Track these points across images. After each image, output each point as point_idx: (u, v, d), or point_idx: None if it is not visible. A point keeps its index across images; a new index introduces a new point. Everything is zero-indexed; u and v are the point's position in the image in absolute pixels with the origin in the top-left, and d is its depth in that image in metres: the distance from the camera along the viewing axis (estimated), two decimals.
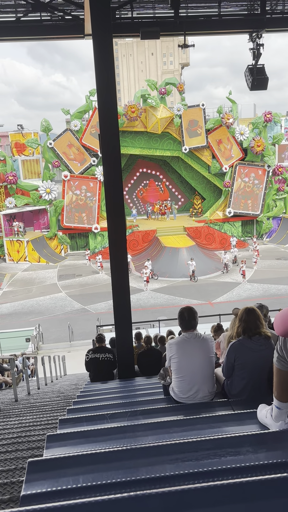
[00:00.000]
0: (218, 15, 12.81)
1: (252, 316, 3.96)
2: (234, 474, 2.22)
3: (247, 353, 3.88)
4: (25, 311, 27.27)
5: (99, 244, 38.97)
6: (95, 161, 38.78)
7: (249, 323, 3.95)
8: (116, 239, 7.36)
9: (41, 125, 38.57)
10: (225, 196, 40.57)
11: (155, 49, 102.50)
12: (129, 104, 37.89)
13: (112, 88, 6.85)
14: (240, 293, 27.98)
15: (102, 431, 3.28)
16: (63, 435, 3.29)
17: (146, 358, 7.97)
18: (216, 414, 3.45)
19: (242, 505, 1.90)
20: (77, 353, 17.87)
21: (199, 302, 25.79)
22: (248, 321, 3.95)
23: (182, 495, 1.89)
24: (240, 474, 2.22)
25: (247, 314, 3.97)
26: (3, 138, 44.52)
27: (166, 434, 3.10)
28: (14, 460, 3.65)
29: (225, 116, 38.95)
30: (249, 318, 3.96)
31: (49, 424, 4.98)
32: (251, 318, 3.96)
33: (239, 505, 1.90)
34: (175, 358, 4.17)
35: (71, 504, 1.88)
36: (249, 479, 1.98)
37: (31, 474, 2.48)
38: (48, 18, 12.07)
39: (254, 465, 2.30)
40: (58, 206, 38.57)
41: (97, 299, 27.79)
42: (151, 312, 24.53)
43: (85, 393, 6.52)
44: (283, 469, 2.26)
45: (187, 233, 38.35)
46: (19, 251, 37.88)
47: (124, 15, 12.88)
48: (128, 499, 1.89)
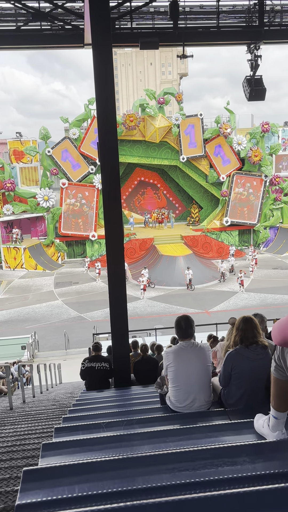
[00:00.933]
0: (217, 26, 12.95)
1: (249, 325, 3.95)
2: (231, 484, 2.21)
3: (244, 362, 3.87)
4: (21, 318, 27.15)
5: (96, 252, 38.97)
6: (93, 169, 38.90)
7: (246, 332, 3.94)
8: (114, 247, 7.36)
9: (39, 133, 38.72)
10: (222, 205, 40.73)
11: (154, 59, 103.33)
12: (128, 113, 38.12)
13: (111, 97, 6.89)
14: (237, 302, 27.97)
15: (98, 440, 3.25)
16: (58, 443, 3.26)
17: (142, 367, 7.93)
18: (213, 424, 3.43)
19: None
20: (73, 361, 17.78)
21: (196, 311, 25.76)
22: (245, 330, 3.95)
23: (178, 505, 1.87)
24: (237, 484, 2.21)
25: (244, 323, 3.97)
26: (2, 146, 44.63)
27: (163, 444, 3.08)
28: (9, 469, 3.62)
29: (223, 126, 39.22)
30: (246, 327, 3.96)
31: (44, 433, 4.94)
32: (248, 327, 3.95)
33: None
34: (171, 367, 4.15)
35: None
36: (246, 490, 1.96)
37: (26, 483, 2.45)
38: (48, 27, 12.18)
39: (251, 475, 2.28)
40: (55, 214, 38.60)
41: (94, 307, 27.72)
42: (148, 321, 24.48)
43: (80, 402, 6.48)
44: (281, 480, 2.24)
45: (184, 241, 38.42)
46: (16, 258, 37.82)
47: (124, 26, 13.01)
48: (124, 509, 1.87)
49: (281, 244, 40.16)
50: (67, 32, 12.04)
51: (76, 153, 38.71)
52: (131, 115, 37.95)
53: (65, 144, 38.77)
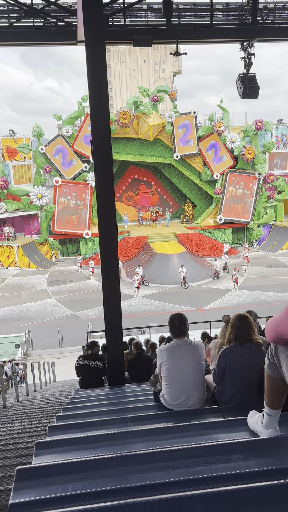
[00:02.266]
0: (210, 24, 12.94)
1: (244, 323, 3.97)
2: (224, 482, 2.21)
3: (238, 360, 3.88)
4: (14, 316, 27.06)
5: (90, 250, 38.90)
6: (86, 167, 38.81)
7: (241, 330, 3.96)
8: (108, 245, 7.35)
9: (32, 130, 38.55)
10: (216, 203, 40.81)
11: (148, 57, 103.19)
12: (121, 111, 38.05)
13: (104, 95, 6.87)
14: (230, 300, 28.06)
15: (92, 438, 3.25)
16: (52, 442, 3.26)
17: (136, 365, 7.93)
18: (207, 421, 3.44)
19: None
20: (67, 360, 17.75)
21: (190, 309, 25.81)
22: (240, 328, 3.96)
23: (172, 503, 1.88)
24: (230, 481, 2.21)
25: (239, 321, 3.98)
26: None
27: (156, 441, 3.08)
28: (2, 467, 3.60)
29: (217, 124, 39.26)
30: (241, 325, 3.97)
31: (38, 431, 4.93)
32: (243, 325, 3.97)
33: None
34: (165, 365, 4.15)
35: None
36: (240, 487, 1.97)
37: (20, 482, 2.44)
38: (41, 24, 12.11)
39: (245, 472, 2.29)
40: (49, 212, 38.48)
41: (88, 305, 27.69)
42: (142, 319, 24.49)
43: (74, 400, 6.47)
44: (274, 477, 2.25)
45: (178, 239, 38.45)
46: (9, 256, 37.65)
47: (117, 23, 12.97)
48: (118, 507, 1.87)
49: (275, 242, 40.32)
50: (60, 29, 11.98)
51: (70, 150, 38.60)
52: (124, 112, 37.87)
53: (58, 141, 38.63)
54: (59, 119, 38.90)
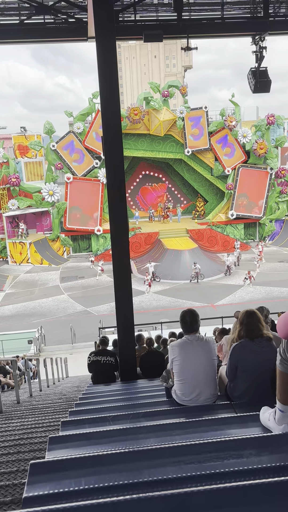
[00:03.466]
0: (221, 17, 12.82)
1: (252, 318, 3.95)
2: (236, 477, 2.21)
3: (249, 355, 3.86)
4: (27, 313, 27.29)
5: (101, 246, 39.00)
6: (98, 163, 38.84)
7: (251, 326, 3.94)
8: (119, 241, 7.36)
9: (44, 127, 38.68)
10: (228, 198, 40.57)
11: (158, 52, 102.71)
12: (132, 107, 37.96)
13: (115, 91, 6.86)
14: (242, 295, 27.93)
15: (104, 433, 3.27)
16: (65, 437, 3.28)
17: (148, 361, 7.95)
18: (219, 417, 3.44)
19: (245, 509, 1.89)
20: (79, 355, 17.87)
21: (202, 305, 25.76)
22: (249, 324, 3.94)
23: (184, 498, 1.88)
24: (242, 477, 2.21)
25: (248, 317, 3.97)
26: (6, 141, 44.63)
27: (169, 437, 3.09)
28: (16, 462, 3.65)
29: (228, 119, 38.99)
30: (250, 320, 3.95)
31: (51, 426, 4.97)
32: (251, 321, 3.95)
33: (242, 509, 1.89)
34: (177, 361, 4.15)
35: (73, 507, 1.88)
36: (252, 482, 1.97)
37: (33, 476, 2.47)
38: (52, 21, 12.11)
39: (257, 468, 2.29)
40: (60, 208, 38.63)
41: (100, 301, 27.79)
42: (154, 314, 24.52)
43: (87, 395, 6.51)
44: (286, 473, 2.24)
45: (189, 235, 38.34)
46: (21, 253, 37.94)
47: (127, 18, 12.92)
48: (130, 501, 1.88)
49: (287, 237, 40.00)
50: (71, 26, 11.97)
51: (81, 147, 38.66)
52: (135, 108, 37.79)
53: (69, 138, 38.71)
54: (70, 115, 38.98)
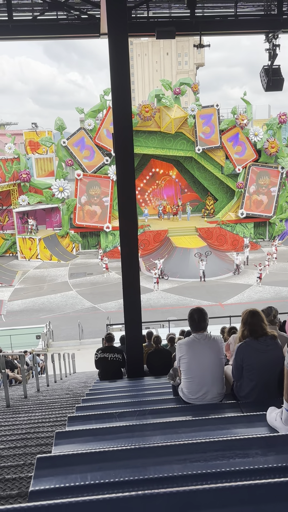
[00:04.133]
0: (235, 15, 12.74)
1: (256, 318, 3.97)
2: (242, 477, 2.21)
3: (255, 354, 3.86)
4: (36, 308, 27.44)
5: (110, 243, 39.05)
6: (108, 160, 38.86)
7: (254, 326, 3.95)
8: (128, 238, 7.36)
9: (55, 123, 38.76)
10: (238, 197, 40.39)
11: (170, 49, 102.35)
12: (143, 104, 37.91)
13: (126, 88, 6.85)
14: (251, 295, 27.82)
15: (111, 429, 3.28)
16: (71, 432, 3.30)
17: (155, 358, 7.96)
18: (225, 416, 3.43)
19: (250, 508, 1.89)
20: (87, 351, 17.94)
21: (210, 303, 25.71)
22: (253, 324, 3.96)
23: (189, 496, 1.89)
24: (248, 476, 2.21)
25: (251, 317, 3.98)
26: (18, 136, 44.80)
27: (175, 434, 3.09)
28: (22, 455, 3.67)
29: (240, 117, 38.78)
30: (254, 320, 3.97)
31: (58, 421, 5.00)
32: (255, 321, 3.96)
33: (247, 508, 1.89)
34: (184, 359, 4.15)
35: (79, 501, 1.89)
36: (258, 482, 1.97)
37: (40, 470, 2.49)
38: (65, 17, 12.12)
39: (263, 468, 2.28)
40: (70, 205, 38.74)
41: (107, 298, 27.86)
42: (161, 312, 24.52)
43: (94, 391, 6.54)
44: None
45: (198, 233, 38.25)
46: (31, 249, 38.13)
47: (140, 15, 12.89)
48: (136, 498, 1.89)
49: None
50: (83, 22, 11.97)
51: (91, 144, 38.69)
52: (146, 105, 37.73)
53: (80, 134, 38.76)
54: (81, 112, 39.01)
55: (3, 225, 40.84)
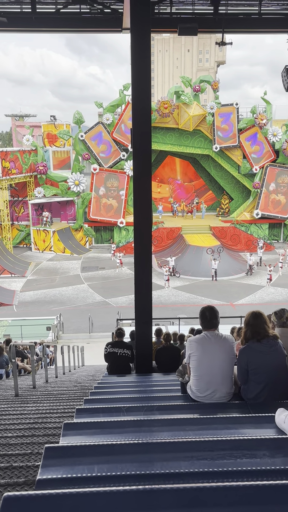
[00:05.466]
0: (258, 13, 12.60)
1: (259, 320, 3.97)
2: (249, 477, 2.21)
3: (258, 357, 3.85)
4: (47, 300, 27.64)
5: (123, 239, 39.10)
6: (124, 156, 38.84)
7: (257, 327, 3.95)
8: (142, 235, 7.36)
9: (73, 117, 38.85)
10: (254, 197, 40.09)
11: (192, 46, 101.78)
12: (162, 100, 37.78)
13: (147, 84, 6.83)
14: (263, 296, 27.65)
15: (118, 423, 3.30)
16: (79, 424, 3.33)
17: (164, 355, 7.97)
18: (233, 416, 3.42)
19: (256, 508, 1.89)
20: (96, 345, 18.02)
21: (221, 303, 25.62)
22: (256, 325, 3.96)
23: (196, 493, 1.89)
24: (255, 477, 2.20)
25: (254, 319, 3.99)
26: (36, 128, 45.03)
27: (182, 431, 3.10)
28: (30, 445, 3.71)
29: (259, 117, 38.44)
30: (256, 322, 3.97)
31: (65, 413, 5.04)
32: (258, 322, 3.97)
33: (253, 508, 1.88)
34: (194, 356, 4.15)
35: (86, 492, 1.91)
36: (265, 483, 1.96)
37: (47, 459, 2.52)
38: (87, 10, 12.12)
39: (270, 469, 2.28)
40: (85, 199, 38.85)
41: (118, 293, 27.93)
42: (172, 310, 24.51)
43: (102, 385, 6.57)
44: None
45: (212, 232, 38.09)
46: (45, 241, 38.38)
47: (163, 10, 12.82)
48: (142, 492, 1.90)
49: None
50: (106, 16, 11.95)
51: (109, 138, 38.71)
52: (165, 102, 37.60)
53: (98, 129, 38.80)
54: (100, 106, 39.04)
55: (18, 216, 41.15)
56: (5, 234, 37.61)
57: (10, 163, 36.90)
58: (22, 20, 11.96)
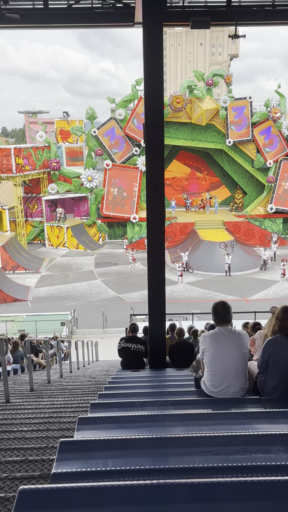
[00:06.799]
0: (272, 4, 12.42)
1: None
2: (264, 472, 2.20)
3: (282, 351, 3.84)
4: (61, 295, 27.82)
5: (136, 234, 39.11)
6: (137, 151, 38.78)
7: (286, 322, 3.92)
8: (155, 230, 7.35)
9: (86, 113, 38.89)
10: (268, 191, 39.73)
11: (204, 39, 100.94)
12: (175, 95, 37.58)
13: (159, 78, 6.80)
14: (277, 291, 27.45)
15: (132, 418, 3.31)
16: (94, 418, 3.35)
17: (178, 350, 7.97)
18: (247, 411, 3.41)
19: (270, 503, 1.88)
20: (110, 340, 18.09)
21: (234, 298, 25.50)
22: (285, 320, 3.93)
23: (210, 488, 1.89)
24: (270, 472, 2.19)
25: (284, 313, 3.98)
26: (49, 125, 45.21)
27: (196, 427, 3.09)
28: (45, 439, 3.75)
29: (273, 110, 38.01)
30: (286, 317, 3.94)
31: (80, 407, 5.07)
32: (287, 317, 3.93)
33: (267, 503, 1.87)
34: (208, 351, 4.14)
35: (101, 486, 1.92)
36: (280, 478, 1.95)
37: (62, 453, 2.54)
38: (99, 5, 12.08)
39: (285, 464, 2.26)
40: (98, 195, 38.93)
41: (132, 289, 27.98)
42: (185, 305, 24.48)
43: (116, 380, 6.60)
44: None
45: (226, 227, 37.88)
46: (58, 237, 38.60)
47: (175, 4, 12.71)
48: (157, 486, 1.90)
49: None
50: (118, 11, 11.90)
51: (121, 134, 38.68)
52: (178, 96, 37.39)
53: (110, 124, 38.79)
54: (113, 102, 39.00)
55: (32, 213, 41.43)
56: (20, 231, 37.90)
57: (23, 160, 37.13)
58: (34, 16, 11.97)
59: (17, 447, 3.50)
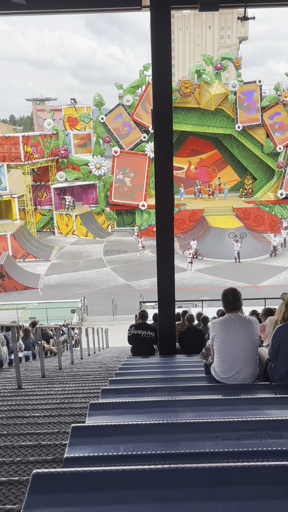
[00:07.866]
0: None
1: None
2: (274, 457, 2.21)
3: None
4: (71, 283, 27.98)
5: (145, 222, 39.03)
6: (145, 137, 38.50)
7: None
8: (163, 217, 7.32)
9: (94, 99, 38.61)
10: (278, 177, 39.31)
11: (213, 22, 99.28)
12: (183, 80, 37.11)
13: (167, 63, 6.70)
14: (287, 278, 27.32)
15: (143, 403, 3.34)
16: (105, 404, 3.38)
17: (188, 337, 7.99)
18: (258, 397, 3.42)
19: (282, 488, 1.89)
20: (120, 327, 18.21)
21: (244, 285, 25.45)
22: None
23: (221, 472, 1.90)
24: (281, 457, 2.21)
25: None
26: (57, 112, 45.01)
27: (206, 412, 3.11)
28: (57, 424, 3.80)
29: (283, 94, 37.42)
30: None
31: (91, 393, 5.13)
32: None
33: (279, 488, 1.89)
34: (218, 338, 4.15)
35: (113, 470, 1.95)
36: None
37: (74, 438, 2.58)
38: None
39: None
40: (107, 182, 38.82)
41: (141, 276, 28.03)
42: (194, 292, 24.50)
43: (126, 366, 6.65)
44: None
45: (235, 213, 37.63)
46: (67, 225, 38.68)
47: None
48: (168, 470, 1.93)
49: None
50: None
51: (129, 120, 38.38)
52: (186, 81, 36.93)
53: (118, 111, 38.49)
54: (120, 88, 38.64)
55: (41, 201, 41.50)
56: (29, 219, 38.03)
57: (32, 148, 37.08)
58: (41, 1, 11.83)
59: (30, 432, 3.56)
